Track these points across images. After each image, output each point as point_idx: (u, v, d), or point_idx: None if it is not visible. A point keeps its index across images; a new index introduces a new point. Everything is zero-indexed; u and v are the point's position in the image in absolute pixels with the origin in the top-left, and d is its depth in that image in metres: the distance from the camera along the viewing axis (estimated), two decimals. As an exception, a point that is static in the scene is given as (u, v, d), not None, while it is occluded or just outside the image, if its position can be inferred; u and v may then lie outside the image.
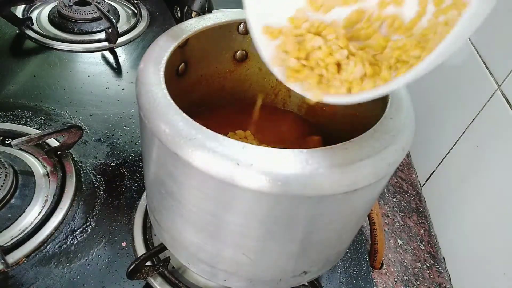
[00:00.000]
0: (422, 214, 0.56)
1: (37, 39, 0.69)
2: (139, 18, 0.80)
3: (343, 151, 0.24)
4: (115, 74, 0.67)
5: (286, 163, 0.23)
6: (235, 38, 0.37)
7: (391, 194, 0.58)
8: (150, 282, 0.40)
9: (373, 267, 0.48)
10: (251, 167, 0.23)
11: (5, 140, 0.52)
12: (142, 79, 0.28)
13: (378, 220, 0.46)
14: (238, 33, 0.37)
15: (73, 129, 0.49)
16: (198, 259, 0.32)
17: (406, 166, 0.62)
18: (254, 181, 0.23)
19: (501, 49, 0.45)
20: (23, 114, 0.56)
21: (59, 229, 0.44)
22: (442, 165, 0.54)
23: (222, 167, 0.23)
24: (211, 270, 0.32)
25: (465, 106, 0.50)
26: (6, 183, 0.44)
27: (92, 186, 0.49)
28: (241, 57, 0.39)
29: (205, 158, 0.23)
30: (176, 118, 0.25)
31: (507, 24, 0.44)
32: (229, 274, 0.31)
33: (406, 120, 0.27)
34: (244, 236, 0.27)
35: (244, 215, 0.26)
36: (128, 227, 0.46)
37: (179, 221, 0.30)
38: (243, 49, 0.39)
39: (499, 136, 0.43)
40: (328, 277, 0.45)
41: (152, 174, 0.30)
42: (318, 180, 0.23)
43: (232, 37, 0.37)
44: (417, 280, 0.48)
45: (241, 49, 0.38)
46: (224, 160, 0.23)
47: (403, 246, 0.51)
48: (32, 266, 0.41)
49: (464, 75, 0.52)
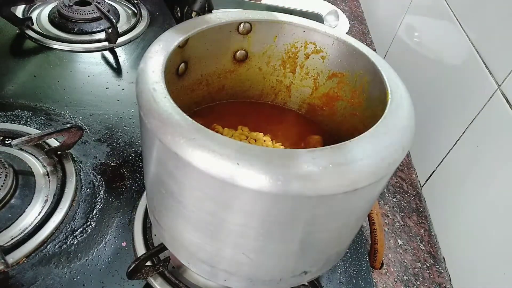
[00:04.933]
0: (422, 214, 0.56)
1: (37, 39, 0.69)
2: (139, 18, 0.80)
3: (342, 151, 0.24)
4: (115, 74, 0.67)
5: (286, 163, 0.23)
6: (235, 38, 0.37)
7: (391, 194, 0.58)
8: (150, 282, 0.40)
9: (373, 267, 0.48)
10: (251, 167, 0.22)
11: (5, 140, 0.52)
12: (142, 79, 0.28)
13: (378, 220, 0.46)
14: (238, 33, 0.37)
15: (73, 129, 0.49)
16: (198, 259, 0.32)
17: (406, 166, 0.62)
18: (254, 181, 0.23)
19: (501, 49, 0.45)
20: (23, 114, 0.56)
21: (59, 229, 0.44)
22: (442, 165, 0.54)
23: (222, 167, 0.23)
24: (211, 270, 0.32)
25: (465, 106, 0.50)
26: (6, 183, 0.44)
27: (92, 186, 0.49)
28: (241, 57, 0.39)
29: (205, 158, 0.23)
30: (176, 118, 0.25)
31: (507, 24, 0.44)
32: (229, 274, 0.31)
33: (406, 119, 0.27)
34: (244, 236, 0.27)
35: (244, 215, 0.26)
36: (128, 227, 0.46)
37: (179, 221, 0.30)
38: (243, 49, 0.39)
39: (499, 136, 0.43)
40: (328, 277, 0.45)
41: (152, 174, 0.30)
42: (318, 180, 0.23)
43: (232, 37, 0.37)
44: (417, 280, 0.48)
45: (241, 49, 0.38)
46: (224, 160, 0.23)
47: (403, 246, 0.51)
48: (32, 266, 0.41)
49: (464, 75, 0.52)
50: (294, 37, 0.37)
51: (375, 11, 0.94)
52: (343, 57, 0.36)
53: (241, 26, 0.36)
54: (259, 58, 0.40)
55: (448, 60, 0.57)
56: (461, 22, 0.54)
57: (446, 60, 0.57)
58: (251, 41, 0.38)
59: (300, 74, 0.40)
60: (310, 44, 0.37)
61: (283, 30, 0.37)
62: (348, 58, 0.36)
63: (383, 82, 0.31)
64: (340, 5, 0.99)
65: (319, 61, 0.38)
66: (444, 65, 0.58)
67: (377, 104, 0.30)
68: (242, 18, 0.35)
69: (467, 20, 0.53)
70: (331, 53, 0.37)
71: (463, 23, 0.53)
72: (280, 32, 0.37)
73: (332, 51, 0.37)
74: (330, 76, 0.38)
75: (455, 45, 0.54)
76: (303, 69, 0.40)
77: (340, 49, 0.36)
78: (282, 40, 0.38)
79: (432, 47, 0.63)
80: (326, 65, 0.38)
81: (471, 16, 0.52)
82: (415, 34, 0.70)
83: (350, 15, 0.97)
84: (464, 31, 0.53)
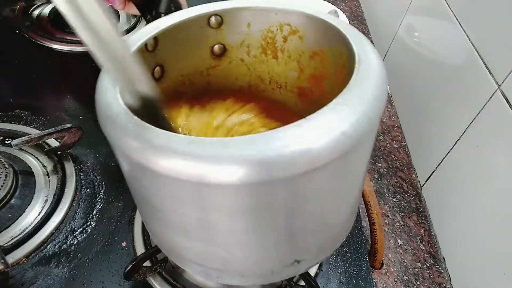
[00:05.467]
0: (422, 214, 0.56)
1: (37, 39, 0.69)
2: (139, 18, 0.80)
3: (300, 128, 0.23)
4: (115, 74, 0.67)
5: (249, 150, 0.22)
6: (208, 33, 0.36)
7: (391, 194, 0.58)
8: (150, 282, 0.40)
9: (373, 267, 0.48)
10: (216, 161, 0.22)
11: (5, 140, 0.52)
12: (99, 89, 0.27)
13: (378, 220, 0.46)
14: (210, 27, 0.36)
15: (73, 129, 0.49)
16: (189, 260, 0.31)
17: (406, 166, 0.62)
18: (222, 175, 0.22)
19: (501, 49, 0.45)
20: (23, 114, 0.56)
21: (59, 229, 0.44)
22: (442, 165, 0.54)
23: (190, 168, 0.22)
24: (203, 270, 0.31)
25: (465, 106, 0.50)
26: (6, 183, 0.44)
27: (92, 186, 0.49)
28: (219, 51, 0.38)
29: (171, 163, 0.22)
30: (130, 126, 0.24)
31: (507, 24, 0.44)
32: (219, 272, 0.31)
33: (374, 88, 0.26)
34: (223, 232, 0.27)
35: (220, 212, 0.25)
36: (128, 227, 0.46)
37: (160, 225, 0.30)
38: (220, 43, 0.38)
39: (499, 136, 0.43)
40: (328, 277, 0.45)
41: (129, 183, 0.30)
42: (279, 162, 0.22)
43: (205, 32, 0.36)
44: (417, 280, 0.48)
45: (217, 43, 0.37)
46: (192, 161, 0.22)
47: (403, 246, 0.51)
48: (32, 266, 0.41)
49: (464, 75, 0.52)
50: (268, 21, 0.36)
51: (375, 11, 0.94)
52: (319, 34, 0.35)
53: (211, 19, 0.35)
54: (238, 49, 0.39)
55: (448, 60, 0.57)
56: (461, 22, 0.54)
57: (446, 60, 0.57)
58: (225, 33, 0.37)
59: (283, 58, 0.39)
60: (285, 26, 0.36)
61: (255, 16, 0.36)
62: (324, 34, 0.34)
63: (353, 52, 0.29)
64: (340, 5, 0.99)
65: (298, 42, 0.37)
66: (444, 65, 0.58)
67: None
68: (210, 11, 0.34)
69: (467, 20, 0.53)
70: (307, 31, 0.35)
71: (463, 23, 0.53)
72: (252, 19, 0.36)
73: (308, 29, 0.35)
74: (312, 56, 0.37)
75: (455, 45, 0.54)
76: (285, 53, 0.38)
77: (315, 26, 0.35)
78: (256, 27, 0.37)
79: (432, 47, 0.63)
80: (305, 44, 0.37)
81: (471, 16, 0.52)
82: (415, 34, 0.70)
83: (350, 15, 0.97)
84: (464, 31, 0.53)
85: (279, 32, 0.37)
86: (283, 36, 0.37)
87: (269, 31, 0.37)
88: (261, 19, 0.36)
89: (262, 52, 0.39)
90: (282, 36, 0.37)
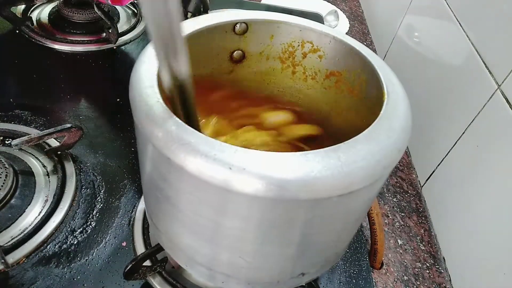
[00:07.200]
0: (422, 214, 0.56)
1: (37, 39, 0.69)
2: (139, 18, 0.80)
3: (336, 153, 0.24)
4: (115, 74, 0.67)
5: (280, 167, 0.23)
6: (232, 39, 0.37)
7: (391, 194, 0.58)
8: (150, 282, 0.40)
9: (373, 267, 0.48)
10: (244, 171, 0.22)
11: (5, 140, 0.52)
12: (135, 83, 0.28)
13: (378, 220, 0.46)
14: (234, 33, 0.36)
15: (73, 129, 0.49)
16: (196, 261, 0.32)
17: (406, 166, 0.62)
18: (247, 186, 0.23)
19: (501, 49, 0.45)
20: (23, 114, 0.56)
21: (59, 229, 0.44)
22: (442, 165, 0.54)
23: (215, 171, 0.23)
24: (209, 273, 0.32)
25: (465, 106, 0.50)
26: (6, 183, 0.44)
27: (92, 186, 0.49)
28: (238, 57, 0.39)
29: (198, 163, 0.23)
30: (169, 123, 0.24)
31: (507, 24, 0.44)
32: (227, 277, 0.31)
33: (402, 120, 0.27)
34: (240, 240, 0.27)
35: (239, 219, 0.26)
36: (128, 227, 0.46)
37: (175, 225, 0.30)
38: (240, 49, 0.38)
39: (499, 136, 0.43)
40: (328, 277, 0.45)
41: (148, 177, 0.30)
42: (312, 183, 0.23)
43: (229, 38, 0.37)
44: (417, 280, 0.48)
45: (238, 49, 0.38)
46: (217, 164, 0.23)
47: (403, 246, 0.51)
48: (32, 266, 0.41)
49: (464, 75, 0.52)
50: (291, 36, 0.37)
51: (375, 11, 0.94)
52: (340, 56, 0.36)
53: (237, 26, 0.36)
54: (257, 58, 0.39)
55: (448, 60, 0.57)
56: (461, 22, 0.54)
57: (446, 60, 0.57)
58: (247, 41, 0.38)
59: (297, 73, 0.40)
60: (307, 43, 0.37)
61: (280, 29, 0.37)
62: (345, 57, 0.35)
63: (379, 82, 0.30)
64: (340, 5, 0.99)
65: (317, 60, 0.38)
66: (444, 65, 0.58)
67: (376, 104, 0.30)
68: (238, 18, 0.35)
69: (467, 20, 0.53)
70: (328, 52, 0.37)
71: (463, 23, 0.53)
72: (276, 31, 0.37)
73: (329, 50, 0.37)
74: (328, 75, 0.38)
75: (455, 45, 0.54)
76: (300, 68, 0.40)
77: (337, 48, 0.36)
78: (279, 39, 0.38)
79: (432, 47, 0.63)
80: (323, 64, 0.38)
81: (471, 16, 0.52)
82: (415, 34, 0.70)
83: (350, 15, 0.97)
84: (464, 31, 0.53)
85: (300, 48, 0.38)
86: (303, 52, 0.38)
87: (290, 46, 0.38)
88: (285, 33, 0.37)
89: (278, 64, 0.40)
90: (302, 52, 0.38)
